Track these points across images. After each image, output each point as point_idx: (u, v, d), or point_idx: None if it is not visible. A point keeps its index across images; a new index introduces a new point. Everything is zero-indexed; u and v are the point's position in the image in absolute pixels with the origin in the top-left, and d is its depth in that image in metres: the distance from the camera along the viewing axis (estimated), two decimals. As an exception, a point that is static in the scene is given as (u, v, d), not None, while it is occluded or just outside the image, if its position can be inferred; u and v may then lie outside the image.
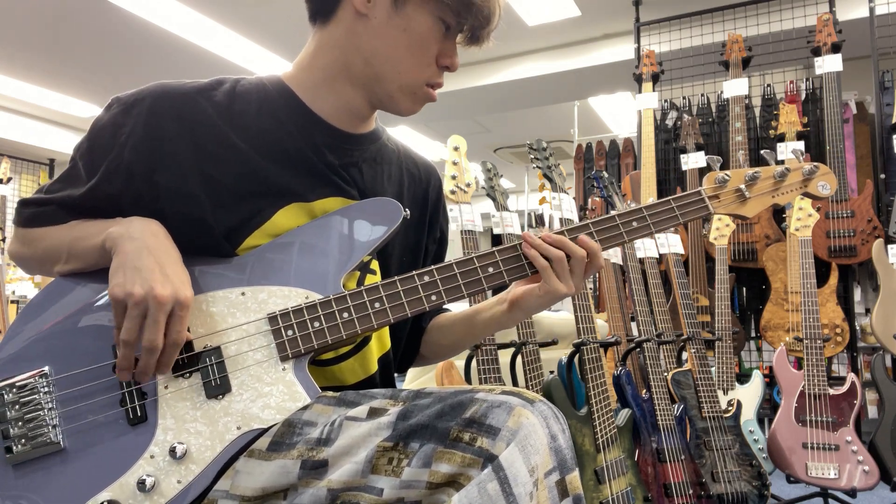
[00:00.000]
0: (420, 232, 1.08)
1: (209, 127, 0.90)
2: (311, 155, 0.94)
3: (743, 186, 1.02)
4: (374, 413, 0.77)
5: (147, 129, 0.88)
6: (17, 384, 0.80)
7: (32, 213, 0.93)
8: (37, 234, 0.93)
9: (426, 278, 0.90)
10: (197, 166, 0.88)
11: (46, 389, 0.80)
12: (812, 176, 1.03)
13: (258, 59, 4.97)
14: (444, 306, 1.17)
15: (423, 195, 1.10)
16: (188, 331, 0.82)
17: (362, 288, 0.87)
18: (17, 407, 0.79)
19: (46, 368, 0.81)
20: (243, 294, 0.86)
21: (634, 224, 0.97)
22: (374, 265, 0.99)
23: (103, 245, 0.84)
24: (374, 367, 0.99)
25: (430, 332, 1.13)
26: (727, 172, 1.03)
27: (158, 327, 0.78)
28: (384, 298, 0.88)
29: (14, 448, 0.78)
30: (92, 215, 0.91)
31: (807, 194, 1.05)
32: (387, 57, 0.92)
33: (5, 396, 0.80)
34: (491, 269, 0.92)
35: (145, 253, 0.81)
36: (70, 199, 0.91)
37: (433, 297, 0.89)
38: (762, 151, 1.15)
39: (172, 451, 0.78)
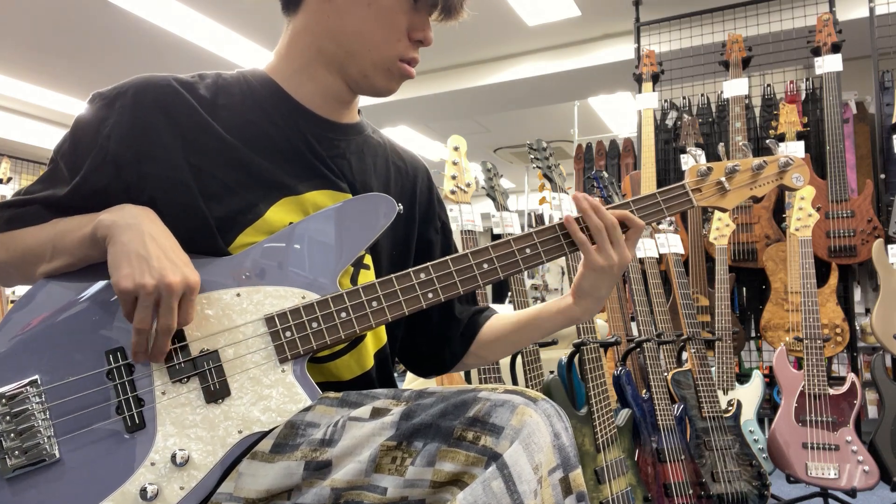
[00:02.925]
0: (409, 226, 1.08)
1: (194, 118, 0.89)
2: (299, 145, 0.94)
3: (723, 179, 1.05)
4: (377, 413, 0.76)
5: (133, 119, 0.86)
6: (7, 394, 0.77)
7: (12, 214, 0.89)
8: (16, 236, 0.88)
9: (422, 276, 0.89)
10: (184, 157, 0.87)
11: (38, 399, 0.77)
12: (787, 168, 1.07)
13: (259, 59, 4.97)
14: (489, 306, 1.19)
15: (411, 188, 1.09)
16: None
17: (359, 287, 0.87)
18: (7, 418, 0.76)
19: (36, 377, 0.78)
20: (238, 295, 0.84)
21: None
22: (368, 260, 0.99)
23: (94, 235, 0.80)
24: (371, 363, 0.99)
25: (486, 332, 1.12)
26: (709, 165, 1.05)
27: (173, 314, 0.78)
28: (381, 297, 0.87)
29: (8, 461, 0.76)
30: (77, 213, 0.87)
31: (782, 186, 1.09)
32: (355, 33, 0.92)
33: None
34: (486, 266, 0.92)
35: (147, 239, 0.78)
36: (54, 198, 0.88)
37: (430, 295, 0.89)
38: (741, 143, 1.17)
39: (173, 457, 0.77)
